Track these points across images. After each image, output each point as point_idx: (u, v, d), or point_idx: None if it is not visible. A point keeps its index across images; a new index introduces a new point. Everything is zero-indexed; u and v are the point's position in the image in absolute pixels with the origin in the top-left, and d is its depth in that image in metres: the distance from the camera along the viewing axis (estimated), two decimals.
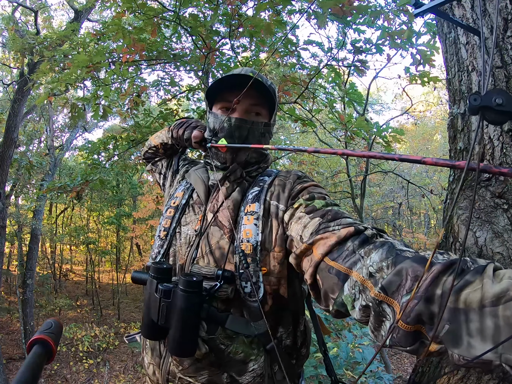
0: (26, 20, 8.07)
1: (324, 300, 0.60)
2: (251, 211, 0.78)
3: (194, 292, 0.67)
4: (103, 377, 7.18)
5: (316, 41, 3.12)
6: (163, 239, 0.85)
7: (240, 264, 0.74)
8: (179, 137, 1.00)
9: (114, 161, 4.26)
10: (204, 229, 0.82)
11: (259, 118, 0.87)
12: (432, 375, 0.84)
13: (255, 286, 0.72)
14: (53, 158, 9.45)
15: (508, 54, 0.82)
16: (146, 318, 0.72)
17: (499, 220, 0.76)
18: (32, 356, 0.51)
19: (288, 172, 0.87)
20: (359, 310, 0.51)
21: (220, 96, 0.87)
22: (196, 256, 0.79)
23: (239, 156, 0.86)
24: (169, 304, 0.67)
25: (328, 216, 0.66)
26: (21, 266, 9.07)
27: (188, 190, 0.92)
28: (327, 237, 0.61)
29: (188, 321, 0.67)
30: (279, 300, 0.75)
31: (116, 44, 3.63)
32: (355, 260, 0.55)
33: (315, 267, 0.61)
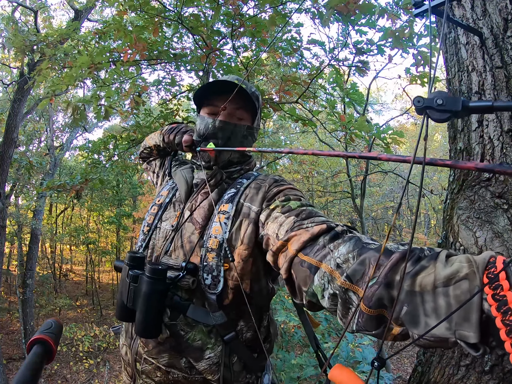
0: (26, 20, 8.06)
1: (298, 293, 0.64)
2: (224, 210, 0.84)
3: (158, 279, 0.72)
4: (103, 377, 7.18)
5: (319, 40, 3.13)
6: (146, 234, 0.92)
7: (205, 257, 0.79)
8: (170, 141, 1.06)
9: (114, 161, 4.26)
10: (180, 225, 0.88)
11: (242, 122, 0.93)
12: (432, 375, 0.84)
13: (215, 280, 0.78)
14: (53, 158, 9.45)
15: (508, 54, 0.82)
16: (119, 301, 0.79)
17: (499, 220, 0.76)
18: (32, 356, 0.51)
19: (266, 176, 0.92)
20: (328, 298, 0.55)
21: (207, 101, 0.93)
22: (169, 249, 0.86)
23: (222, 155, 0.92)
24: (136, 288, 0.74)
25: (303, 215, 0.70)
26: (21, 266, 9.07)
27: (173, 189, 0.98)
28: (301, 233, 0.65)
29: (151, 305, 0.73)
30: (241, 295, 0.77)
31: (116, 43, 3.63)
32: (325, 254, 0.59)
33: (290, 262, 0.64)
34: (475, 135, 0.86)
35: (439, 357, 0.84)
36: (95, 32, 3.39)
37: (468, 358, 0.75)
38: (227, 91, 0.84)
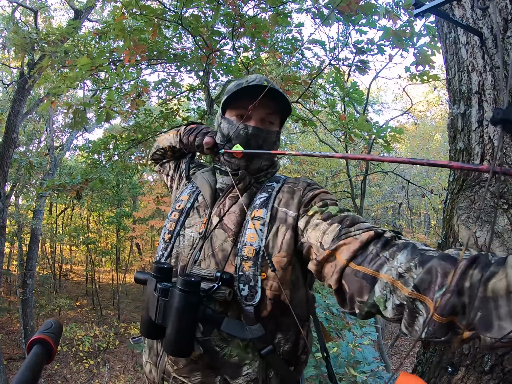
0: (26, 20, 8.06)
1: (350, 303, 0.62)
2: (258, 216, 0.79)
3: (191, 292, 0.67)
4: (103, 377, 7.18)
5: (320, 40, 3.13)
6: (167, 242, 0.86)
7: (240, 266, 0.74)
8: (190, 143, 0.99)
9: (114, 161, 4.26)
10: (208, 232, 0.82)
11: (272, 127, 0.88)
12: (432, 375, 0.84)
13: (252, 290, 0.73)
14: (53, 158, 9.45)
15: (508, 54, 0.82)
16: (145, 316, 0.73)
17: (499, 220, 0.76)
18: (32, 356, 0.51)
19: (296, 179, 0.88)
20: (392, 309, 0.54)
21: (235, 103, 0.87)
22: (198, 258, 0.80)
23: (253, 163, 0.87)
24: (166, 303, 0.68)
25: (347, 221, 0.68)
26: (21, 266, 9.07)
27: (194, 193, 0.92)
28: (350, 242, 0.63)
29: (184, 320, 0.67)
30: (280, 305, 0.74)
31: (116, 43, 3.63)
32: (381, 263, 0.57)
33: (340, 272, 0.62)
34: (475, 135, 0.86)
35: (439, 357, 0.84)
36: (95, 32, 3.40)
37: (468, 358, 0.75)
38: (257, 93, 0.78)
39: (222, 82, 4.17)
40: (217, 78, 4.05)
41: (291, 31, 3.47)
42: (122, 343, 8.68)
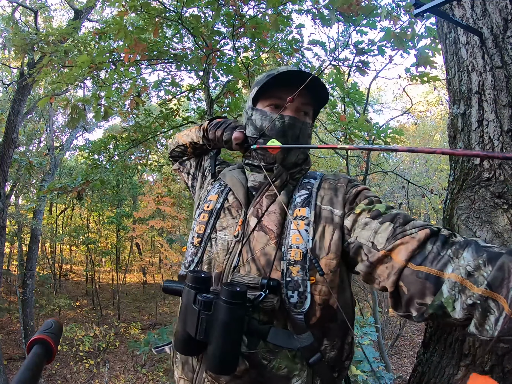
0: (26, 20, 8.07)
1: (406, 306, 0.60)
2: (301, 215, 0.74)
3: (238, 303, 0.61)
4: (103, 377, 7.18)
5: (320, 41, 3.13)
6: (197, 247, 0.79)
7: (288, 271, 0.69)
8: (216, 138, 0.91)
9: (115, 161, 4.27)
10: (246, 234, 0.76)
11: (307, 118, 0.83)
12: (432, 375, 0.84)
13: (302, 297, 0.67)
14: (53, 158, 9.45)
15: (508, 54, 0.82)
16: (182, 332, 0.66)
17: (499, 220, 0.76)
18: (32, 356, 0.51)
19: (335, 175, 0.83)
20: (462, 309, 0.52)
21: (267, 93, 0.81)
22: (237, 264, 0.74)
23: (290, 157, 0.81)
24: (209, 317, 0.61)
25: (399, 219, 0.64)
26: (21, 266, 9.07)
27: (223, 193, 0.86)
28: (407, 241, 0.60)
29: (231, 336, 0.61)
30: (328, 310, 0.70)
31: (116, 43, 3.64)
32: (445, 262, 0.55)
33: (398, 274, 0.59)
34: (475, 135, 0.86)
35: (439, 357, 0.84)
36: (95, 32, 3.40)
37: (468, 358, 0.75)
38: (290, 82, 0.73)
39: (222, 82, 4.17)
40: (217, 78, 4.05)
41: (291, 32, 3.47)
42: (122, 343, 8.68)
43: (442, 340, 0.84)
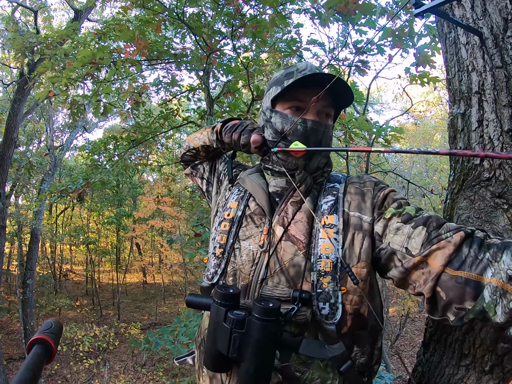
0: (26, 20, 8.07)
1: (442, 310, 0.59)
2: (330, 223, 0.71)
3: (272, 320, 0.59)
4: (103, 377, 7.18)
5: (318, 41, 3.14)
6: (220, 257, 0.77)
7: (318, 283, 0.68)
8: (233, 142, 0.86)
9: (114, 162, 4.27)
10: (272, 245, 0.73)
11: (329, 120, 0.81)
12: (432, 375, 0.84)
13: (333, 308, 0.66)
14: (53, 158, 9.45)
15: (508, 54, 0.82)
16: (212, 350, 0.64)
17: (499, 220, 0.76)
18: (32, 356, 0.51)
19: (360, 178, 0.81)
20: (504, 313, 0.52)
21: (287, 94, 0.78)
22: (265, 276, 0.71)
23: (313, 161, 0.78)
24: (242, 335, 0.60)
25: (432, 223, 0.63)
26: (21, 266, 9.07)
27: (243, 199, 0.82)
28: (444, 246, 0.59)
29: (265, 353, 0.60)
30: (359, 319, 0.69)
31: (116, 43, 3.64)
32: (484, 266, 0.55)
33: (436, 279, 0.58)
34: (475, 135, 0.86)
35: (439, 357, 0.84)
36: (94, 33, 3.40)
37: (468, 358, 0.75)
38: (311, 83, 0.71)
39: (222, 82, 4.17)
40: (217, 78, 4.05)
41: (290, 31, 3.47)
42: (122, 343, 8.68)
43: (442, 340, 0.84)
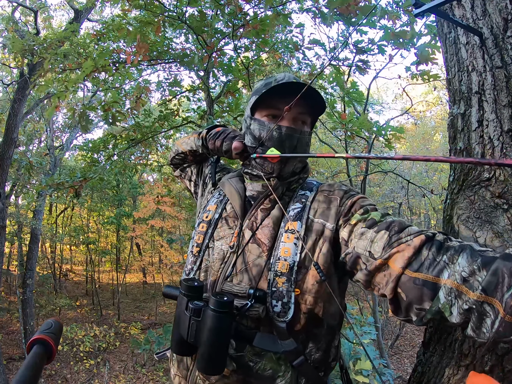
0: (26, 20, 8.07)
1: (405, 311, 0.61)
2: (292, 229, 0.76)
3: (224, 312, 0.65)
4: (103, 377, 7.18)
5: (320, 41, 3.14)
6: (196, 255, 0.83)
7: (274, 282, 0.72)
8: (216, 148, 0.93)
9: (114, 161, 4.27)
10: (241, 246, 0.79)
11: (305, 127, 0.85)
12: (432, 375, 0.84)
13: (285, 307, 0.71)
14: (53, 158, 9.45)
15: (508, 54, 0.82)
16: (176, 335, 0.72)
17: (499, 220, 0.76)
18: (32, 356, 0.51)
19: (331, 186, 0.84)
20: (459, 314, 0.54)
21: (265, 103, 0.83)
22: (231, 274, 0.77)
23: (288, 166, 0.83)
24: (199, 323, 0.67)
25: (394, 227, 0.66)
26: (21, 266, 9.07)
27: (222, 202, 0.89)
28: (403, 249, 0.61)
29: (218, 340, 0.66)
30: (313, 318, 0.73)
31: (116, 44, 3.64)
32: (440, 268, 0.57)
33: (396, 281, 0.61)
34: (475, 135, 0.86)
35: (439, 357, 0.84)
36: (94, 34, 3.40)
37: (468, 358, 0.75)
38: (288, 92, 0.76)
39: (222, 82, 4.17)
40: (217, 78, 4.05)
41: (291, 31, 3.47)
42: (122, 343, 8.68)
43: (442, 340, 0.84)
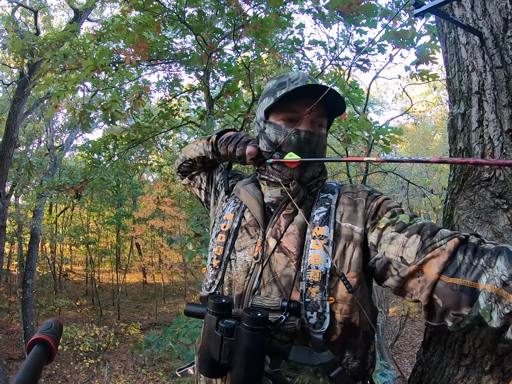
0: (26, 20, 8.07)
1: (440, 317, 0.60)
2: (320, 235, 0.73)
3: (260, 329, 0.62)
4: (103, 377, 7.18)
5: (320, 41, 3.14)
6: (217, 268, 0.79)
7: (306, 292, 0.69)
8: (229, 154, 0.87)
9: (114, 161, 4.27)
10: (266, 256, 0.75)
11: (322, 130, 0.82)
12: (432, 375, 0.84)
13: (321, 317, 0.68)
14: (53, 158, 9.45)
15: (508, 54, 0.81)
16: (206, 356, 0.67)
17: (499, 220, 0.76)
18: (32, 356, 0.51)
19: (353, 188, 0.82)
20: (500, 319, 0.53)
21: (280, 105, 0.79)
22: (258, 287, 0.74)
23: (308, 171, 0.80)
24: (232, 343, 0.63)
25: (426, 231, 0.64)
26: (21, 266, 9.07)
27: (239, 210, 0.85)
28: (438, 254, 0.60)
29: (254, 360, 0.63)
30: (350, 327, 0.70)
31: (116, 44, 3.64)
32: (478, 273, 0.56)
33: (432, 287, 0.60)
34: (475, 135, 0.86)
35: (439, 357, 0.84)
36: (93, 35, 3.40)
37: (468, 358, 0.75)
38: (304, 93, 0.73)
39: (222, 82, 4.17)
40: (217, 78, 4.05)
41: (292, 32, 3.47)
42: (122, 343, 8.68)
43: (442, 340, 0.84)
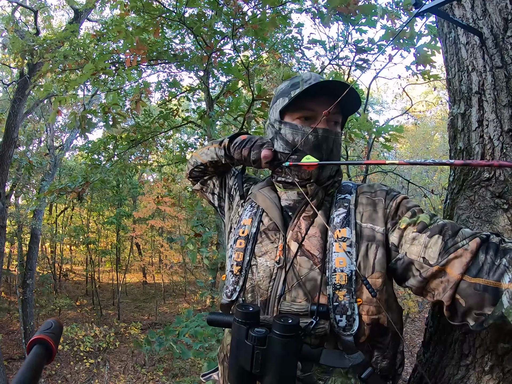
0: (26, 20, 8.07)
1: (462, 316, 0.60)
2: (342, 237, 0.73)
3: (292, 336, 0.61)
4: (103, 377, 7.18)
5: (320, 40, 3.14)
6: (238, 275, 0.79)
7: (334, 296, 0.69)
8: (243, 158, 0.86)
9: (114, 162, 4.27)
10: (288, 260, 0.75)
11: (337, 127, 0.81)
12: (432, 375, 0.84)
13: (350, 320, 0.68)
14: (53, 158, 9.44)
15: (508, 54, 0.81)
16: (235, 366, 0.66)
17: (499, 220, 0.76)
18: (32, 356, 0.51)
19: (371, 187, 0.81)
20: None
21: (295, 105, 0.78)
22: (283, 292, 0.73)
23: (325, 170, 0.79)
24: (264, 351, 0.61)
25: (448, 231, 0.64)
26: (21, 266, 9.07)
27: (256, 215, 0.84)
28: (461, 254, 0.60)
29: (287, 367, 0.62)
30: (377, 328, 0.70)
31: (116, 44, 3.64)
32: (501, 272, 0.56)
33: (455, 288, 0.60)
34: (475, 135, 0.86)
35: (439, 357, 0.84)
36: (93, 35, 3.40)
37: (468, 358, 0.75)
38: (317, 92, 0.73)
39: (222, 82, 4.17)
40: (217, 78, 4.05)
41: (291, 31, 3.47)
42: (122, 343, 8.68)
43: (442, 340, 0.84)
